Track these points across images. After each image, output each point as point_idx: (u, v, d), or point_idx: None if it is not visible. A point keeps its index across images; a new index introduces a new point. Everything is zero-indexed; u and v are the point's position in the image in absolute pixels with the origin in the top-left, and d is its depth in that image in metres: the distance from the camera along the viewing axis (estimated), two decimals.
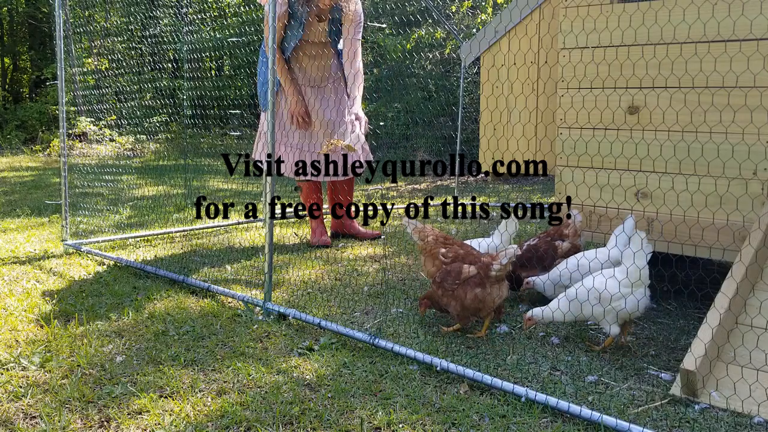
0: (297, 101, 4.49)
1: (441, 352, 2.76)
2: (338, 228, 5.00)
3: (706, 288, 3.14)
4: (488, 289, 2.84)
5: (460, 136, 7.09)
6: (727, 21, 2.88)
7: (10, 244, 4.92)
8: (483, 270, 2.86)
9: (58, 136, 12.82)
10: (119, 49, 8.66)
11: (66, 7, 5.04)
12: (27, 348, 2.88)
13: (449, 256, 3.10)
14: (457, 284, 2.88)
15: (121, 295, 3.62)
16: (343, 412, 2.29)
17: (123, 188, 7.99)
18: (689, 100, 3.00)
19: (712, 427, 2.17)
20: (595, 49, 3.26)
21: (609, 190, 3.27)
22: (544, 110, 3.77)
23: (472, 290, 2.85)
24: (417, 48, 10.39)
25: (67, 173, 4.82)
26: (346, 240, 4.93)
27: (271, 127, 3.26)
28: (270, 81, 3.25)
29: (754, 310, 2.52)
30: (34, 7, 17.79)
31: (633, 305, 2.66)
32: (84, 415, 2.29)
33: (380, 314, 3.29)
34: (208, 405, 2.35)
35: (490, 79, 3.95)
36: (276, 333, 3.04)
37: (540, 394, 2.30)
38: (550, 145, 3.72)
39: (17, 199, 7.26)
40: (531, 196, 7.29)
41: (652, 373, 2.58)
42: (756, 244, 2.64)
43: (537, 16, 3.75)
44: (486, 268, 2.86)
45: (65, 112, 4.80)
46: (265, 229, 3.28)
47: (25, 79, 19.40)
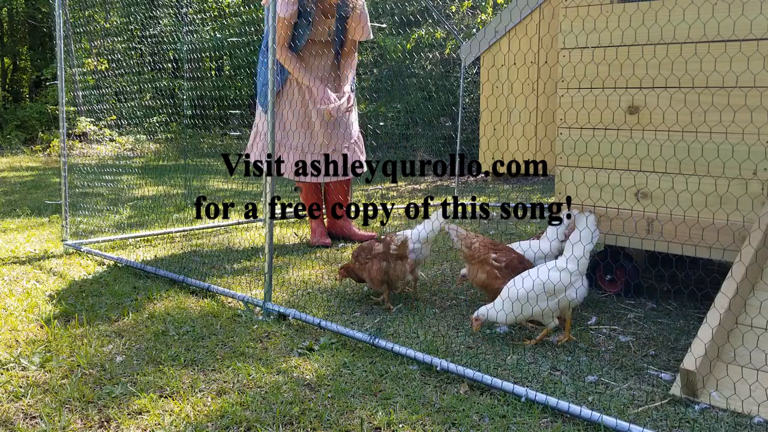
0: (324, 95, 4.44)
1: (441, 352, 2.76)
2: (333, 228, 4.98)
3: (706, 288, 3.14)
4: (392, 264, 3.26)
5: (460, 136, 7.09)
6: (727, 21, 2.88)
7: (10, 244, 4.92)
8: (386, 248, 3.30)
9: (58, 136, 12.81)
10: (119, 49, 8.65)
11: (66, 7, 5.04)
12: (27, 348, 2.88)
13: (502, 261, 3.06)
14: (369, 259, 3.32)
15: (121, 295, 3.61)
16: (343, 412, 2.29)
17: (123, 188, 7.99)
18: (689, 100, 3.00)
19: (712, 427, 2.17)
20: (595, 49, 3.26)
21: (609, 190, 3.27)
22: (544, 110, 3.77)
23: (378, 263, 3.27)
24: (417, 48, 10.38)
25: (67, 173, 4.82)
26: (346, 240, 4.93)
27: (271, 127, 3.26)
28: (270, 81, 3.25)
29: (754, 310, 2.52)
30: (34, 7, 17.78)
31: (572, 295, 2.78)
32: (84, 415, 2.29)
33: (380, 314, 3.29)
34: (208, 405, 2.35)
35: (490, 79, 3.95)
36: (276, 333, 3.04)
37: (540, 394, 2.30)
38: (550, 145, 3.72)
39: (17, 199, 7.26)
40: (531, 196, 7.29)
41: (652, 373, 2.58)
42: (756, 244, 2.64)
43: (537, 16, 3.75)
44: (388, 246, 3.30)
45: (65, 112, 4.80)
46: (265, 229, 3.28)
47: (25, 79, 19.39)
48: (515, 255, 3.12)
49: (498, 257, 3.09)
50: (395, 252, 3.30)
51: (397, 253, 3.29)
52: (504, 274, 3.04)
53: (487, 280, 3.10)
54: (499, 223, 5.57)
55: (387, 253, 3.30)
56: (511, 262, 3.07)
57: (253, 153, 4.77)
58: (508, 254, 3.12)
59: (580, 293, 2.80)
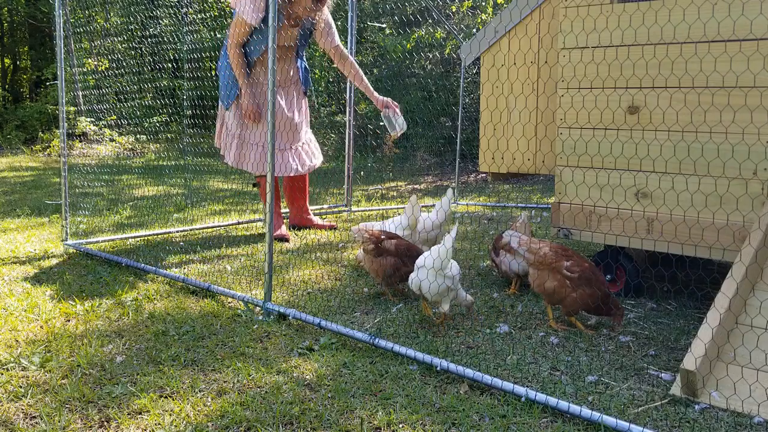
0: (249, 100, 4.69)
1: (441, 352, 2.76)
2: (296, 221, 5.33)
3: (706, 288, 3.14)
4: (375, 259, 3.47)
5: (460, 136, 7.09)
6: (727, 21, 2.88)
7: (10, 244, 4.92)
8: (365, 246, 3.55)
9: (58, 136, 12.82)
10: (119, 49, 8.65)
11: (66, 7, 5.04)
12: (27, 348, 2.88)
13: (576, 271, 2.98)
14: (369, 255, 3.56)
15: (121, 295, 3.61)
16: (343, 412, 2.29)
17: (123, 188, 7.99)
18: (689, 100, 3.00)
19: (712, 427, 2.17)
20: (595, 49, 3.26)
21: (609, 190, 3.27)
22: (544, 110, 3.77)
23: (370, 259, 3.50)
24: (417, 48, 10.38)
25: (67, 173, 4.82)
26: (346, 240, 4.93)
27: (271, 127, 3.26)
28: (270, 81, 3.25)
29: (754, 310, 2.52)
30: (34, 7, 17.78)
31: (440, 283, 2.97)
32: (84, 415, 2.29)
33: (380, 314, 3.29)
34: (208, 405, 2.35)
35: (490, 79, 3.95)
36: (276, 333, 3.04)
37: (540, 394, 2.30)
38: (550, 145, 3.72)
39: (17, 199, 7.26)
40: (531, 196, 7.29)
41: (652, 373, 2.58)
42: (756, 244, 2.64)
43: (537, 16, 3.74)
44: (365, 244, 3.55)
45: (65, 112, 4.80)
46: (265, 229, 3.28)
47: (25, 79, 19.41)
48: (587, 264, 3.03)
49: (571, 267, 2.99)
50: (366, 248, 3.48)
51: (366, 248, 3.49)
52: (575, 284, 2.97)
53: (557, 288, 3.00)
54: (500, 223, 5.57)
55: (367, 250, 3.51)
56: (584, 273, 2.97)
57: (222, 148, 5.01)
58: (581, 263, 3.02)
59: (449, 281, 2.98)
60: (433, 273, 2.96)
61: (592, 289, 2.95)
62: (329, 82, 12.10)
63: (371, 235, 3.49)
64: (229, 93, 4.75)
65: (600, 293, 2.95)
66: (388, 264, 3.41)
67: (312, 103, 11.94)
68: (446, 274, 2.99)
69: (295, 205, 5.30)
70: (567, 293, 2.98)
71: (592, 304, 2.96)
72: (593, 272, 3.00)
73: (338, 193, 7.13)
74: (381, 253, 3.44)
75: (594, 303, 2.96)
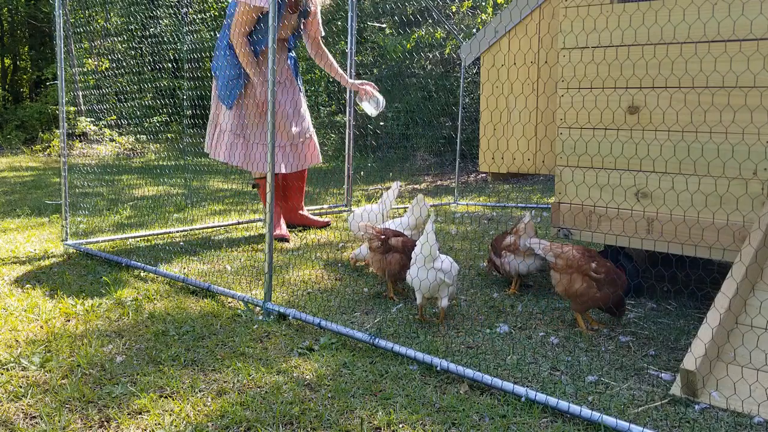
0: (264, 89, 4.66)
1: (441, 352, 2.76)
2: (290, 219, 5.31)
3: (706, 288, 3.14)
4: (384, 256, 3.47)
5: (460, 136, 7.09)
6: (727, 21, 2.88)
7: (10, 244, 4.92)
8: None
9: (58, 136, 12.82)
10: (119, 49, 8.65)
11: (66, 7, 5.04)
12: (27, 348, 2.88)
13: (601, 272, 2.98)
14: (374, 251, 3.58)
15: (121, 295, 3.62)
16: (343, 412, 2.29)
17: (123, 188, 7.99)
18: (689, 100, 3.00)
19: (712, 427, 2.17)
20: (595, 49, 3.26)
21: (609, 190, 3.27)
22: (544, 110, 3.77)
23: (376, 256, 3.50)
24: (417, 48, 10.38)
25: (67, 173, 4.82)
26: (346, 240, 4.93)
27: (271, 127, 3.26)
28: (270, 81, 3.25)
29: (754, 310, 2.52)
30: (35, 7, 17.79)
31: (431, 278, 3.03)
32: (84, 415, 2.29)
33: (380, 314, 3.29)
34: (208, 405, 2.35)
35: (490, 79, 3.95)
36: (276, 333, 3.04)
37: (540, 394, 2.30)
38: (550, 145, 3.72)
39: (17, 199, 7.26)
40: (531, 196, 7.28)
41: (652, 373, 2.58)
42: (756, 244, 2.64)
43: (537, 16, 3.74)
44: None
45: (65, 112, 4.80)
46: (265, 229, 3.28)
47: (25, 79, 19.41)
48: (610, 265, 3.03)
49: (597, 267, 2.99)
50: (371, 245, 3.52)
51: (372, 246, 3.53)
52: (601, 284, 2.97)
53: (585, 290, 2.98)
54: (500, 223, 5.57)
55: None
56: (609, 274, 2.98)
57: (211, 148, 4.94)
58: (604, 264, 3.02)
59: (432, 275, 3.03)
60: (422, 259, 3.03)
61: (615, 288, 2.97)
62: (329, 82, 12.10)
63: (378, 232, 3.50)
64: (231, 93, 4.71)
65: (621, 293, 2.99)
66: (395, 261, 3.41)
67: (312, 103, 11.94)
68: (439, 267, 3.02)
69: (289, 203, 5.30)
70: (592, 294, 2.98)
71: (612, 303, 2.99)
72: (616, 273, 3.02)
73: (338, 193, 7.13)
74: (388, 250, 3.45)
75: (614, 302, 2.98)
